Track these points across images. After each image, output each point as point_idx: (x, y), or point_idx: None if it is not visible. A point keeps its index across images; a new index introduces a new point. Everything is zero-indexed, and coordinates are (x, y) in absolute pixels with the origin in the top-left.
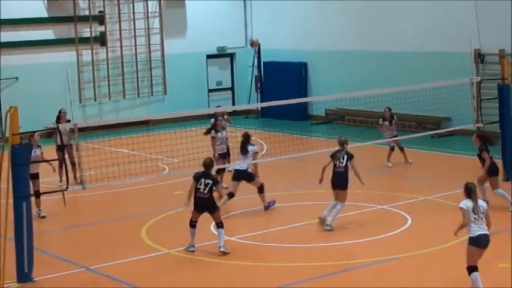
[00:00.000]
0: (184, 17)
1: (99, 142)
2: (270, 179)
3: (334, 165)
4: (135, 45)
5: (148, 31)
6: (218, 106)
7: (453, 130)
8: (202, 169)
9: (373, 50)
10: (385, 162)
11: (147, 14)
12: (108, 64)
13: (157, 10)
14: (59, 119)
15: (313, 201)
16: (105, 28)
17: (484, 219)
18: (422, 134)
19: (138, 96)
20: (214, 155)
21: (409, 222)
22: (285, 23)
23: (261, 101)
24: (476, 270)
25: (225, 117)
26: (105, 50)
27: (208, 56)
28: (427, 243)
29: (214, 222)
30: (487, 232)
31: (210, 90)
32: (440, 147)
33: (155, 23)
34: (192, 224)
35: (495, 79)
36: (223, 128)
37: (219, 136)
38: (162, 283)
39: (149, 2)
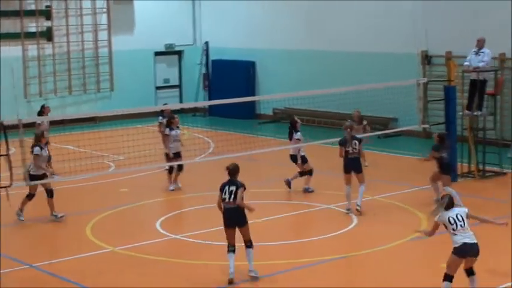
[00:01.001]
0: (132, 14)
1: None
2: (216, 178)
3: (347, 151)
4: (82, 41)
5: (96, 27)
6: (165, 104)
7: (400, 131)
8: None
9: (321, 50)
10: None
11: (95, 10)
12: (54, 60)
13: (105, 6)
14: (41, 114)
15: (261, 200)
16: (52, 23)
17: (467, 226)
18: (369, 134)
19: (85, 92)
20: (168, 154)
21: (355, 221)
22: (234, 21)
23: (209, 99)
24: (449, 280)
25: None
26: (51, 45)
27: (156, 53)
28: (373, 243)
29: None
30: (473, 241)
31: (157, 88)
32: (387, 147)
33: (103, 19)
34: (230, 249)
35: (441, 81)
36: (178, 127)
37: (173, 134)
38: (105, 281)
39: None
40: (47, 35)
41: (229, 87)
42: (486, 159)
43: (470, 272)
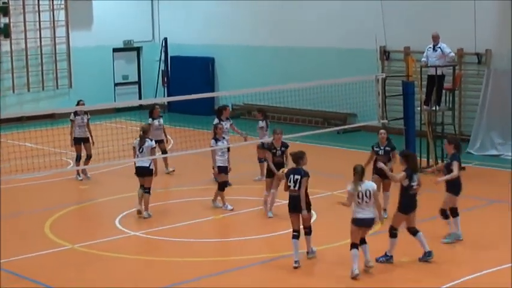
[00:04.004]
0: (90, 10)
1: (1, 136)
2: (176, 174)
3: (376, 158)
4: (40, 37)
5: (54, 23)
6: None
7: (358, 126)
8: None
9: (280, 46)
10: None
11: (53, 6)
12: (12, 56)
13: (62, 2)
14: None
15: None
16: (9, 20)
17: (369, 202)
18: (328, 129)
19: (43, 89)
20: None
21: (314, 216)
22: (193, 17)
23: (168, 96)
24: (356, 248)
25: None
26: (9, 42)
27: (115, 50)
28: (332, 238)
29: None
30: (367, 216)
31: (116, 84)
32: (346, 142)
33: (60, 15)
34: (294, 235)
35: (400, 76)
36: (160, 116)
37: (156, 124)
38: (64, 278)
39: None
40: (4, 31)
41: (189, 83)
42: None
43: (362, 241)
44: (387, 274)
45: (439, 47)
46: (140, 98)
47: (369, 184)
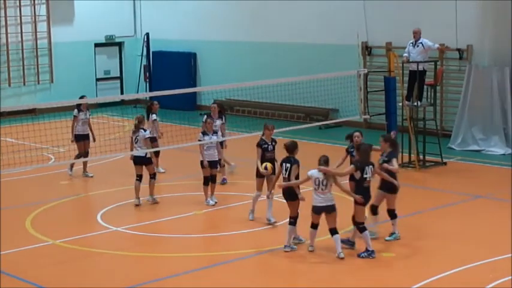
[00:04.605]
0: (72, 5)
1: None
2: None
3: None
4: (21, 32)
5: (35, 18)
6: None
7: (340, 121)
8: None
9: (263, 41)
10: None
11: (34, 1)
12: None
13: None
14: (79, 106)
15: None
16: None
17: (325, 190)
18: (310, 125)
19: (24, 84)
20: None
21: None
22: (175, 13)
23: (150, 91)
24: (314, 228)
25: None
26: None
27: (96, 45)
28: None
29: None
30: (322, 204)
31: (98, 79)
32: (328, 138)
33: (42, 10)
34: (290, 221)
35: (382, 71)
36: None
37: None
38: (46, 274)
39: None
40: None
41: (171, 78)
42: (426, 149)
43: (333, 232)
44: (365, 271)
45: (421, 43)
46: (122, 93)
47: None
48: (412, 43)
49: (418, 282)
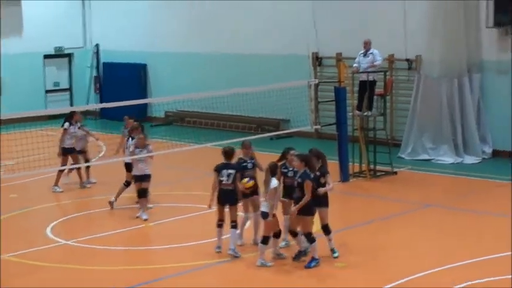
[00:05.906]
0: (20, 16)
1: None
2: (109, 182)
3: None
4: None
5: None
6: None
7: (291, 132)
8: None
9: (213, 53)
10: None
11: None
12: None
13: None
14: (70, 119)
15: (153, 203)
16: None
17: (265, 197)
18: (261, 135)
19: None
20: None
21: (248, 222)
22: (125, 24)
23: (100, 102)
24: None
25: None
26: None
27: (45, 56)
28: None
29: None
30: (264, 210)
31: (47, 91)
32: (279, 148)
33: None
34: (219, 224)
35: (332, 82)
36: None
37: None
38: None
39: None
40: None
41: (121, 90)
42: (377, 159)
43: (276, 234)
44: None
45: (371, 53)
46: (72, 105)
47: (273, 182)
48: (363, 53)
49: None
